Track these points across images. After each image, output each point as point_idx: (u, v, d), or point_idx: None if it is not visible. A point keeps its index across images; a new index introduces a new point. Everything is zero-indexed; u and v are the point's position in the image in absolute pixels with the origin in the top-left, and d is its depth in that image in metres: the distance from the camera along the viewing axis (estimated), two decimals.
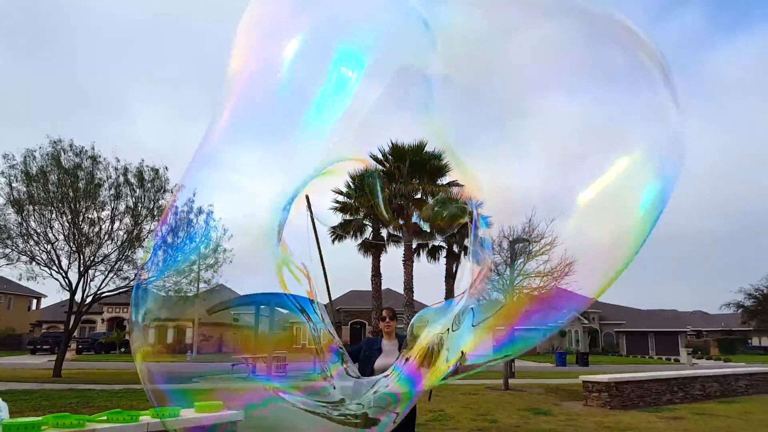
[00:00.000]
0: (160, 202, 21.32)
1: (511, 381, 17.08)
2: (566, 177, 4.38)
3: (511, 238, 16.35)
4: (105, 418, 5.18)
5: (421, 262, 24.60)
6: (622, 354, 51.82)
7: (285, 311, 5.01)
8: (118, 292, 21.99)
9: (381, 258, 24.34)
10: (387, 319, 5.01)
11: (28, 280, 21.35)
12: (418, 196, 22.78)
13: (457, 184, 24.53)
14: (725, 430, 9.88)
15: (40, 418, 4.82)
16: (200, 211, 17.52)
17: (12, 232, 19.73)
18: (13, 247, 19.92)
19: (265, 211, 4.88)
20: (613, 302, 56.00)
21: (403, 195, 21.90)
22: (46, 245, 19.91)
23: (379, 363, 4.77)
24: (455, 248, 24.51)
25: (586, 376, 13.96)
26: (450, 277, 24.25)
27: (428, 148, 23.87)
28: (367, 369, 4.80)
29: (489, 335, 4.42)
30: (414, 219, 23.18)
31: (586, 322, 51.47)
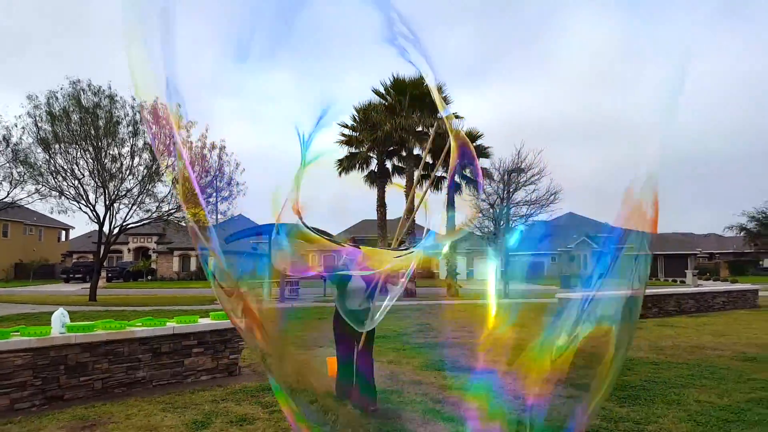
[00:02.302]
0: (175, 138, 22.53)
1: (501, 301, 18.63)
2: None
3: (501, 170, 17.68)
4: (140, 323, 6.72)
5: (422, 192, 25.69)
6: None
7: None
8: (141, 223, 23.73)
9: (386, 189, 25.50)
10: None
11: (59, 213, 23.21)
12: (420, 129, 23.58)
13: (458, 116, 25.27)
14: (671, 337, 10.94)
15: (92, 322, 6.37)
16: (213, 147, 19.00)
17: (42, 169, 21.30)
18: (44, 183, 21.58)
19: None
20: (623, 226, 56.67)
21: (404, 128, 22.72)
22: (73, 181, 21.48)
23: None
24: (457, 178, 25.57)
25: (562, 293, 15.35)
26: (452, 205, 25.44)
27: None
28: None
29: None
30: (416, 151, 24.16)
31: (595, 246, 52.61)
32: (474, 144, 24.97)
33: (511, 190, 18.24)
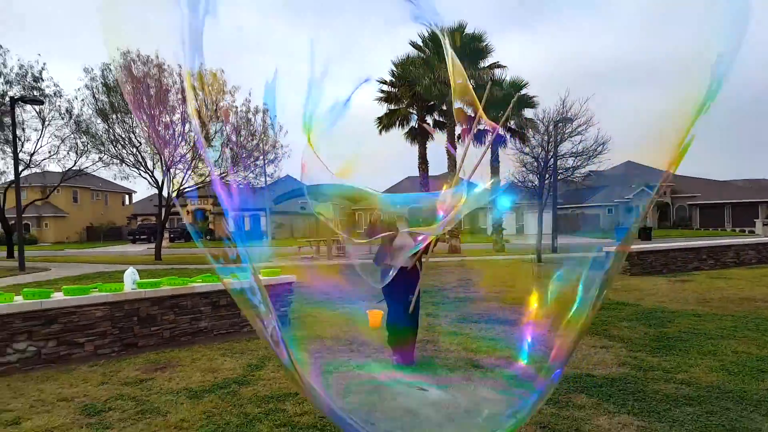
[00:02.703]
0: (221, 104, 23.40)
1: (546, 256, 18.62)
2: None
3: (545, 121, 17.40)
4: (201, 280, 7.46)
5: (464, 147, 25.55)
6: (695, 228, 50.84)
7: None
8: (196, 187, 24.98)
9: (427, 146, 25.49)
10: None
11: (122, 179, 24.80)
12: (460, 81, 23.31)
13: (500, 66, 24.77)
14: (721, 290, 10.70)
15: (158, 279, 7.15)
16: (257, 111, 19.89)
17: (102, 138, 22.69)
18: (106, 152, 23.02)
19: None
20: (687, 174, 53.57)
21: (443, 82, 22.46)
22: (131, 149, 22.79)
23: (397, 242, 5.44)
24: (500, 131, 25.31)
25: (610, 247, 15.20)
26: (495, 159, 25.29)
27: (468, 30, 23.90)
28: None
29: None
30: (457, 105, 23.95)
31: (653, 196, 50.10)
32: (519, 93, 24.46)
33: (557, 141, 17.98)
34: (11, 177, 22.57)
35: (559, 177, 19.03)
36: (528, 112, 24.72)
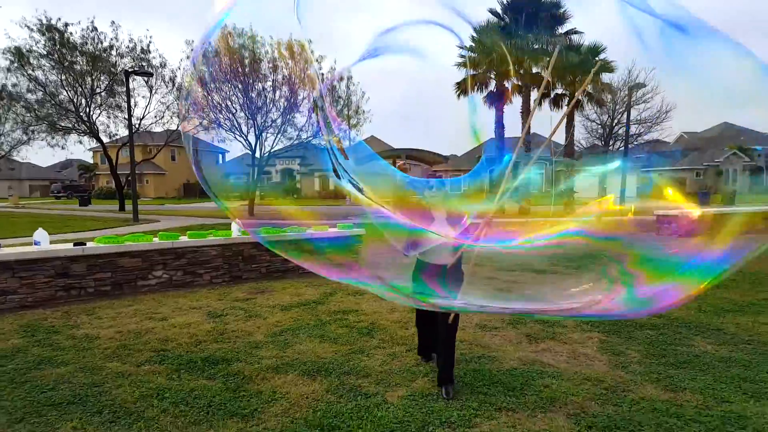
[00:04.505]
0: (308, 72, 25.18)
1: (613, 219, 18.95)
2: None
3: (614, 88, 17.80)
4: (290, 230, 9.15)
5: (543, 111, 25.69)
6: None
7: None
8: (285, 149, 27.24)
9: (504, 110, 25.93)
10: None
11: (219, 142, 27.50)
12: (536, 47, 23.47)
13: (577, 32, 24.59)
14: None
15: (258, 228, 8.88)
16: (341, 78, 21.86)
17: (202, 104, 25.23)
18: (205, 117, 25.60)
19: None
20: None
21: (521, 48, 22.79)
22: (228, 114, 25.20)
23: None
24: (577, 95, 25.23)
25: (660, 210, 15.32)
26: (571, 123, 25.37)
27: None
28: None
29: None
30: (535, 70, 24.16)
31: (747, 159, 47.56)
32: (597, 58, 24.24)
33: (623, 109, 18.20)
34: (118, 137, 25.63)
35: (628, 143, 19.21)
36: (606, 77, 24.53)
